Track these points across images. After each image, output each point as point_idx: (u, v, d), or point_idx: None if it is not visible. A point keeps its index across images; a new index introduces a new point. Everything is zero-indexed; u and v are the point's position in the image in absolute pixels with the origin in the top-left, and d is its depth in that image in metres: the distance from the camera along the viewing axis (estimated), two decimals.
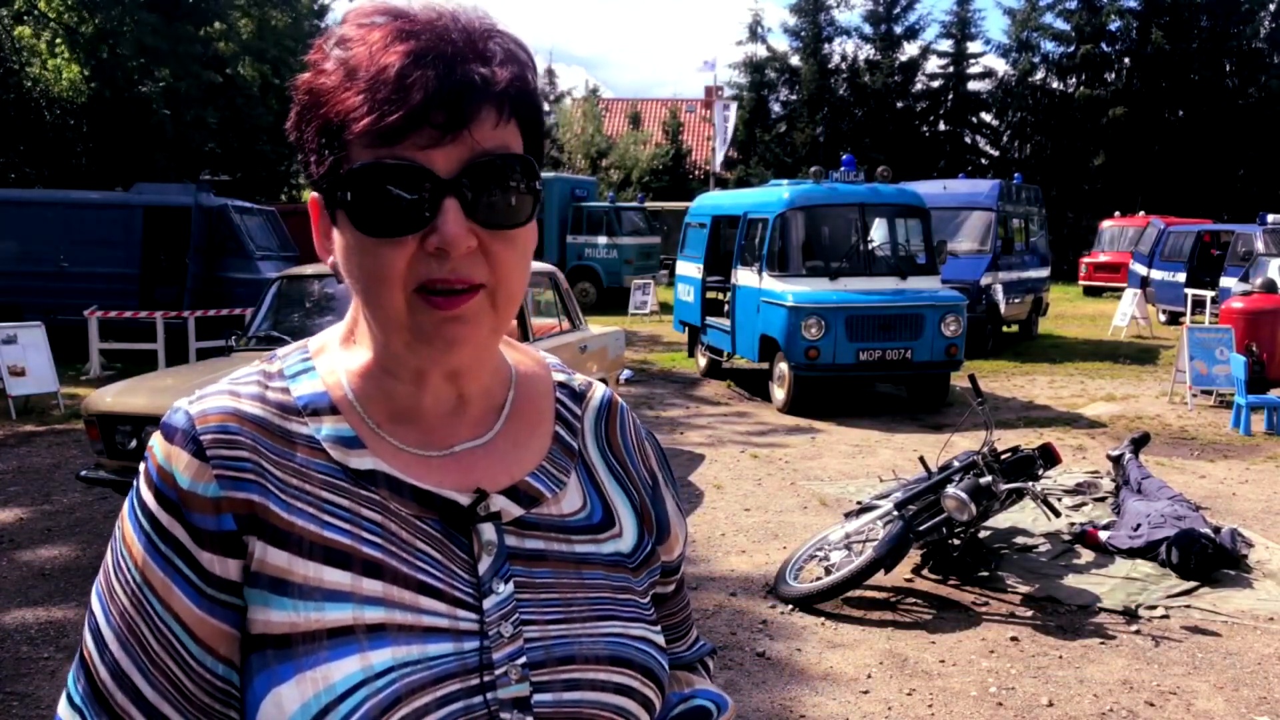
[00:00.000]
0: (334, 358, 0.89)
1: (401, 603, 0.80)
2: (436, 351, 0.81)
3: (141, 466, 0.83)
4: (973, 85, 36.08)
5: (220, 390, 0.86)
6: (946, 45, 35.94)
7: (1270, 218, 17.50)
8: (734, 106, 30.74)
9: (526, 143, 0.82)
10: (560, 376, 1.00)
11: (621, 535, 0.94)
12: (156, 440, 0.83)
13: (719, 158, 28.38)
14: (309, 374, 0.88)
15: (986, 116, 36.44)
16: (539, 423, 0.94)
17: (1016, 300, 15.14)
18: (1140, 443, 6.87)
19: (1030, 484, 5.08)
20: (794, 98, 35.68)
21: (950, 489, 4.98)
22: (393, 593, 0.80)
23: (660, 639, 0.92)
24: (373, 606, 0.80)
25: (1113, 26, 33.55)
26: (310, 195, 0.85)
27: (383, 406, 0.87)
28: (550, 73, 39.80)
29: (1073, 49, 33.73)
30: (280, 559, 0.80)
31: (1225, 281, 16.82)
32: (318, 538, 0.81)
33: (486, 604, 0.83)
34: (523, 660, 0.82)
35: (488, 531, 0.85)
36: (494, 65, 0.79)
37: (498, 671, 0.81)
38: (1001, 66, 35.64)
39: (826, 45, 35.40)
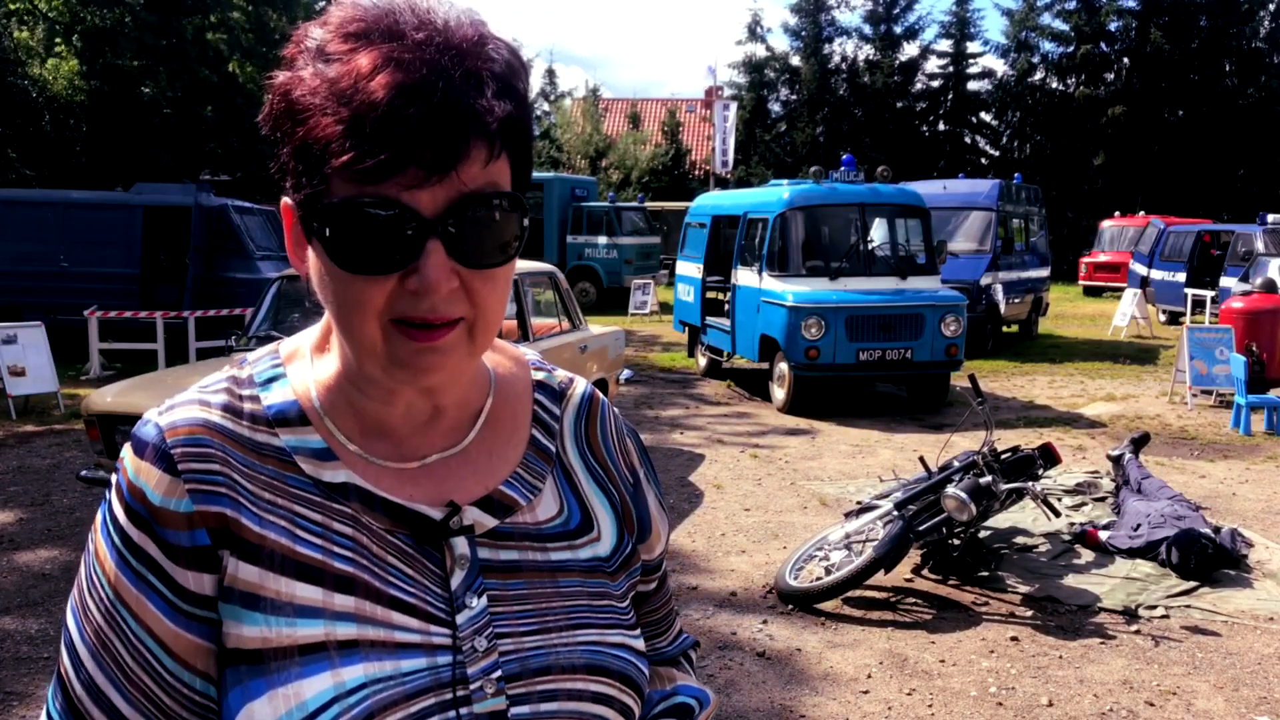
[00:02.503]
0: (306, 365, 0.87)
1: (374, 618, 0.79)
2: (411, 375, 0.79)
3: (113, 479, 0.82)
4: (972, 85, 36.16)
5: (189, 400, 0.84)
6: (946, 45, 36.04)
7: (1270, 218, 17.51)
8: (734, 106, 30.73)
9: (515, 174, 0.79)
10: (539, 375, 0.98)
11: (600, 539, 0.93)
12: (127, 454, 0.81)
13: (719, 158, 28.38)
14: (279, 381, 0.86)
15: (986, 116, 36.48)
16: (515, 428, 0.93)
17: (1016, 300, 15.14)
18: (1140, 443, 6.87)
19: (1030, 484, 5.08)
20: (794, 98, 35.71)
21: (950, 489, 4.98)
22: (365, 608, 0.79)
23: (639, 644, 0.90)
24: (345, 622, 0.79)
25: (1112, 26, 33.60)
26: (284, 201, 0.82)
27: (352, 420, 0.85)
28: (550, 73, 39.81)
29: (1072, 49, 33.77)
30: (252, 574, 0.79)
31: (1225, 281, 16.83)
32: (289, 552, 0.80)
33: (459, 619, 0.82)
34: (498, 674, 0.81)
35: (460, 545, 0.84)
36: (489, 96, 0.74)
37: (472, 686, 0.80)
38: (1000, 67, 35.77)
39: (826, 45, 35.44)
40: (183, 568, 0.78)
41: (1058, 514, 5.22)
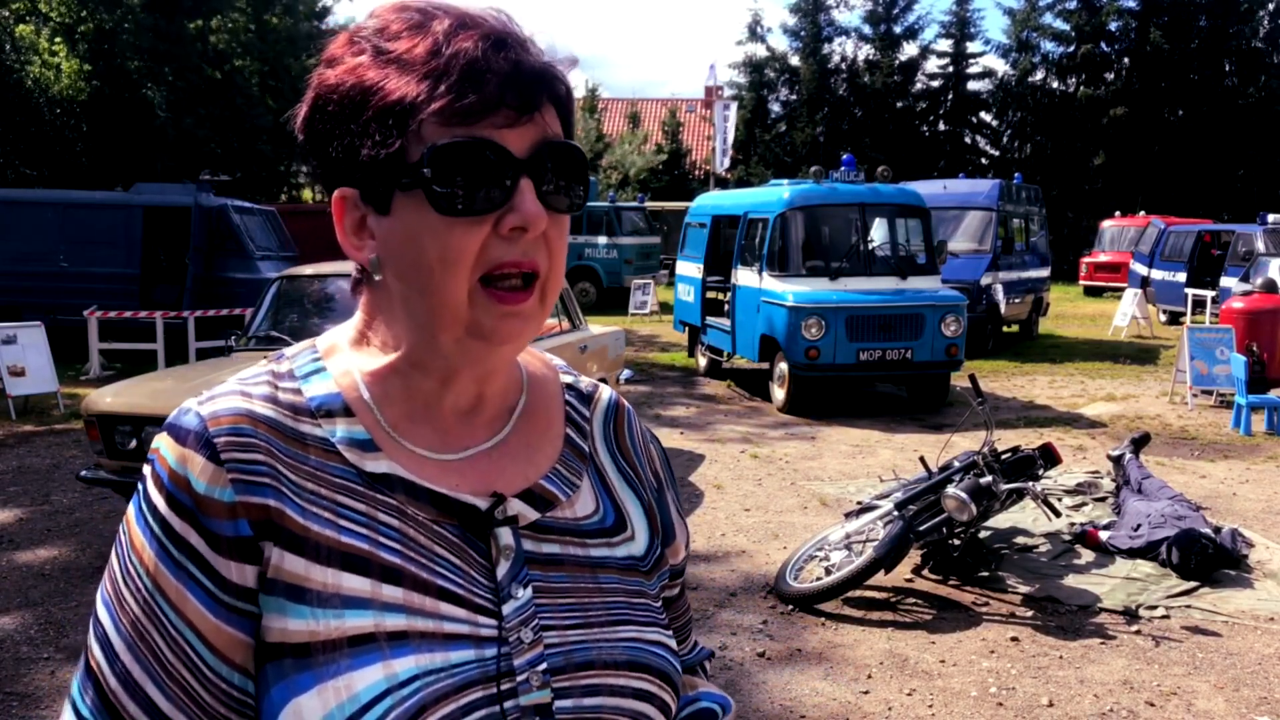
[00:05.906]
0: (346, 358, 0.87)
1: (422, 609, 0.79)
2: (489, 346, 0.81)
3: (148, 469, 0.81)
4: (972, 85, 36.14)
5: (230, 390, 0.83)
6: (946, 45, 36.02)
7: (1270, 218, 17.51)
8: (734, 106, 30.71)
9: (565, 134, 0.84)
10: (568, 379, 1.00)
11: (634, 538, 0.94)
12: (165, 443, 0.80)
13: (719, 158, 28.37)
14: (320, 374, 0.86)
15: (986, 116, 36.46)
16: (550, 425, 0.94)
17: (1016, 300, 15.14)
18: (1140, 443, 6.86)
19: (1030, 484, 5.08)
20: (794, 98, 35.68)
21: (950, 489, 4.97)
22: (413, 599, 0.79)
23: (673, 642, 0.91)
24: (393, 613, 0.78)
25: (1112, 26, 33.58)
26: (336, 193, 0.82)
27: (399, 406, 0.85)
28: None
29: (1072, 49, 33.76)
30: (297, 565, 0.78)
31: (1225, 281, 16.83)
32: (335, 543, 0.79)
33: (506, 609, 0.82)
34: (543, 666, 0.81)
35: (505, 536, 0.84)
36: (545, 58, 0.82)
37: (519, 678, 0.80)
38: (1001, 66, 35.73)
39: (826, 45, 35.41)
40: (225, 558, 0.77)
41: (1058, 514, 5.22)
